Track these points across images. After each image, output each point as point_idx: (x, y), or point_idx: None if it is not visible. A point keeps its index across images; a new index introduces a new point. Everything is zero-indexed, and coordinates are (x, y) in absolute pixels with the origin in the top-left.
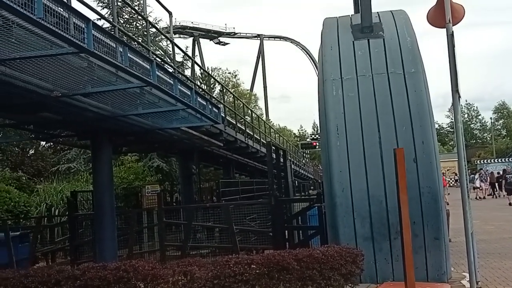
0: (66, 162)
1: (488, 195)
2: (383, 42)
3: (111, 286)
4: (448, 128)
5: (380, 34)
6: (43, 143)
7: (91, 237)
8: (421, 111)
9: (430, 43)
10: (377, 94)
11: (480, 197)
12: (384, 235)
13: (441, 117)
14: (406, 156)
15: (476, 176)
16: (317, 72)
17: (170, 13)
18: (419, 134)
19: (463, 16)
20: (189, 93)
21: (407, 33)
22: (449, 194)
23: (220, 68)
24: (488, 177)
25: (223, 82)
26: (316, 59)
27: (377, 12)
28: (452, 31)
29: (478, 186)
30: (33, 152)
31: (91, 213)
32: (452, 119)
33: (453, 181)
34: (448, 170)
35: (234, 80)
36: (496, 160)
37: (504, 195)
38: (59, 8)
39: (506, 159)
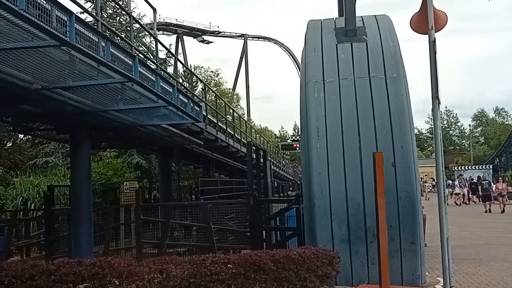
0: (44, 156)
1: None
2: (366, 46)
3: (85, 282)
4: (428, 134)
5: (363, 38)
6: (21, 136)
7: (67, 232)
8: (401, 116)
9: (412, 48)
10: (358, 98)
11: (458, 203)
12: (360, 238)
13: (421, 122)
14: (385, 160)
15: (456, 182)
16: (299, 74)
17: (154, 9)
18: (398, 138)
19: (446, 23)
20: (171, 91)
21: (390, 38)
22: (428, 199)
23: (202, 67)
24: (466, 183)
25: (205, 80)
26: (299, 60)
27: (361, 16)
28: (434, 38)
29: (458, 191)
30: (10, 144)
31: (68, 208)
32: (431, 125)
33: (430, 186)
34: (426, 175)
35: (216, 78)
36: (473, 167)
37: (477, 202)
38: (42, 0)
39: (483, 166)
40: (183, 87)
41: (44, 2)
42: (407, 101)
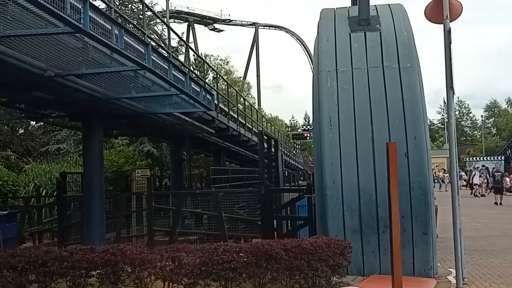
0: (55, 143)
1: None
2: (379, 35)
3: (98, 269)
4: (439, 124)
5: (377, 27)
6: (33, 122)
7: (79, 219)
8: (414, 107)
9: (424, 38)
10: (371, 88)
11: (478, 194)
12: (372, 228)
13: (432, 113)
14: (397, 150)
15: (475, 172)
16: (311, 63)
17: None
18: (411, 129)
19: (461, 12)
20: (183, 79)
21: (404, 27)
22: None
23: (212, 55)
24: (488, 174)
25: (215, 69)
26: (311, 50)
27: (375, 5)
28: (450, 28)
29: (477, 182)
30: (22, 131)
31: (80, 195)
32: (443, 115)
33: (447, 177)
34: (437, 166)
35: (227, 67)
36: (485, 158)
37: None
38: None
39: (495, 157)
40: (194, 76)
41: None
42: (420, 91)
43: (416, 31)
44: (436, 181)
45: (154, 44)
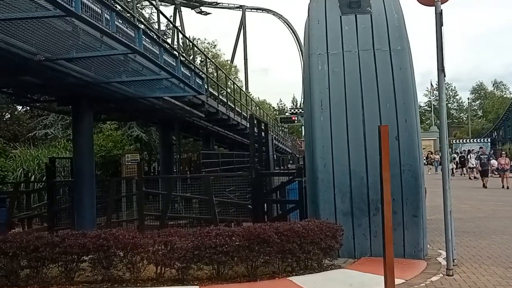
0: (43, 127)
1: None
2: (370, 18)
3: (90, 254)
4: (426, 107)
5: (367, 10)
6: (19, 107)
7: (68, 204)
8: (405, 89)
9: (413, 20)
10: (362, 71)
11: (474, 177)
12: (363, 211)
13: (419, 95)
14: (389, 133)
15: (471, 155)
16: (298, 47)
17: None
18: (402, 112)
19: None
20: (174, 63)
21: (395, 10)
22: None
23: (199, 39)
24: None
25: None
26: (299, 33)
27: None
28: (441, 10)
29: (474, 165)
30: (9, 116)
31: (70, 180)
32: (429, 98)
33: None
34: (424, 148)
35: (214, 50)
36: (471, 141)
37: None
38: None
39: (481, 140)
40: (184, 59)
41: None
42: (411, 74)
43: (405, 13)
44: (432, 164)
45: (144, 27)
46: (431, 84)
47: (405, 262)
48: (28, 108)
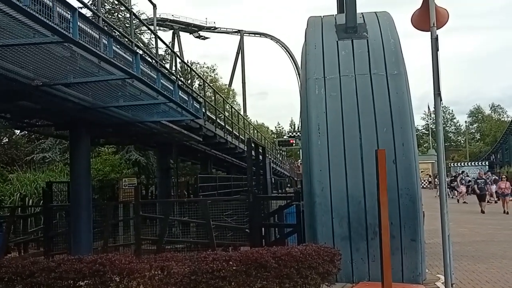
0: (40, 151)
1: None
2: (367, 43)
3: (86, 279)
4: (423, 130)
5: (364, 35)
6: (17, 131)
7: (65, 228)
8: (402, 113)
9: (408, 44)
10: (359, 95)
11: (464, 202)
12: (361, 235)
13: (417, 119)
14: (386, 157)
15: (458, 179)
16: (296, 70)
17: (154, 5)
18: (399, 136)
19: (447, 20)
20: (171, 87)
21: (391, 35)
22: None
23: (198, 63)
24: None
25: (202, 76)
26: (296, 57)
27: (362, 13)
28: (437, 35)
29: (461, 191)
30: (6, 140)
31: (67, 204)
32: (427, 121)
33: (427, 182)
34: (422, 171)
35: (212, 74)
36: (469, 164)
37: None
38: None
39: (479, 163)
40: (182, 83)
41: None
42: (408, 98)
43: (402, 38)
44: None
45: (142, 52)
46: (428, 108)
47: (403, 286)
48: (26, 132)
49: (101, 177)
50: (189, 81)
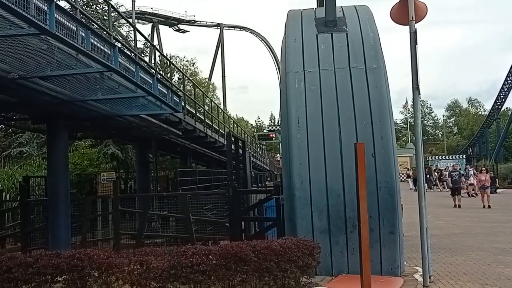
0: (18, 146)
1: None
2: (346, 36)
3: (64, 274)
4: (402, 124)
5: (343, 29)
6: None
7: (42, 223)
8: (381, 107)
9: (388, 39)
10: (338, 88)
11: (475, 194)
12: (340, 228)
13: (395, 113)
14: (365, 150)
15: (471, 171)
16: (276, 64)
17: None
18: (378, 129)
19: (426, 14)
20: (151, 81)
21: (370, 29)
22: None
23: (178, 56)
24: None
25: (181, 70)
26: (276, 51)
27: (341, 7)
28: (415, 29)
29: (473, 182)
30: None
31: (44, 199)
32: (405, 115)
33: (404, 176)
34: (400, 165)
35: (192, 68)
36: (447, 157)
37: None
38: None
39: (457, 156)
40: (161, 77)
41: None
42: (387, 91)
43: (381, 32)
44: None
45: (120, 45)
46: (407, 102)
47: (382, 279)
48: (3, 126)
49: (79, 171)
50: (168, 75)
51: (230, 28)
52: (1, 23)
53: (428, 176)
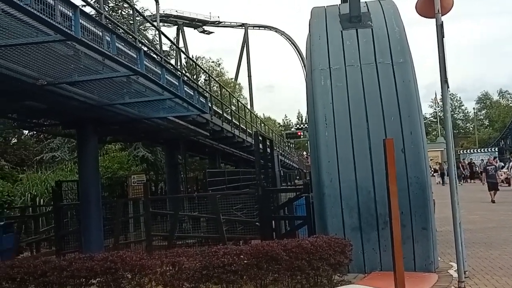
0: (49, 151)
1: None
2: (371, 32)
3: (98, 277)
4: (431, 118)
5: (368, 24)
6: (25, 131)
7: (76, 227)
8: (409, 102)
9: (414, 32)
10: (365, 84)
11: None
12: (372, 225)
13: (424, 107)
14: (394, 146)
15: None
16: (301, 62)
17: (156, 1)
18: (407, 124)
19: (452, 6)
20: (177, 83)
21: (395, 23)
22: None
23: (204, 57)
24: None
25: (207, 71)
26: (301, 49)
27: (365, 2)
28: (442, 22)
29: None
30: (15, 141)
31: (77, 203)
32: (435, 109)
33: (432, 171)
34: (431, 159)
35: (218, 69)
36: (478, 150)
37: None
38: None
39: (489, 149)
40: (187, 79)
41: None
42: (414, 86)
43: (406, 26)
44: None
45: (146, 49)
46: (436, 96)
47: (416, 275)
48: (34, 132)
49: (110, 174)
50: (194, 76)
51: (254, 28)
52: (28, 31)
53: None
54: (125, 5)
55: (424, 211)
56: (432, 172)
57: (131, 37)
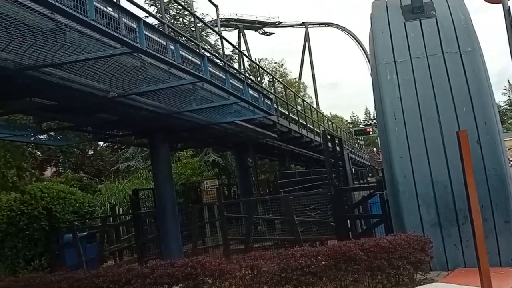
0: (124, 160)
1: None
2: (435, 21)
3: (180, 283)
4: (506, 106)
5: (432, 14)
6: (101, 143)
7: (155, 234)
8: (481, 91)
9: (480, 19)
10: (433, 76)
11: None
12: (451, 220)
13: (497, 95)
14: (469, 138)
15: None
16: (365, 57)
17: (216, 7)
18: (480, 114)
19: None
20: (241, 86)
21: (460, 11)
22: None
23: (266, 59)
24: None
25: (271, 72)
26: (364, 43)
27: None
28: (509, 7)
29: None
30: (92, 152)
31: (154, 210)
32: (509, 96)
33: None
34: (509, 149)
35: (281, 69)
36: None
37: None
38: (109, 9)
39: None
40: (251, 81)
41: (111, 10)
42: (485, 74)
43: (471, 13)
44: None
45: (208, 55)
46: (509, 82)
47: (502, 271)
48: (109, 143)
49: (184, 180)
50: (258, 79)
51: (315, 26)
52: (95, 45)
53: None
54: (186, 12)
55: (505, 203)
56: (511, 163)
57: (193, 44)
